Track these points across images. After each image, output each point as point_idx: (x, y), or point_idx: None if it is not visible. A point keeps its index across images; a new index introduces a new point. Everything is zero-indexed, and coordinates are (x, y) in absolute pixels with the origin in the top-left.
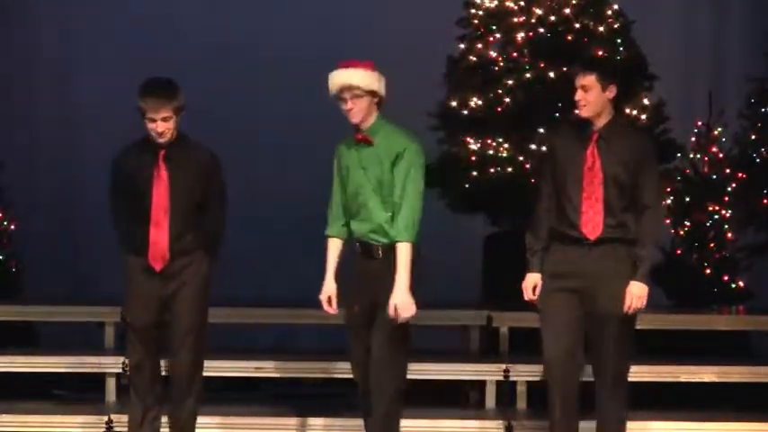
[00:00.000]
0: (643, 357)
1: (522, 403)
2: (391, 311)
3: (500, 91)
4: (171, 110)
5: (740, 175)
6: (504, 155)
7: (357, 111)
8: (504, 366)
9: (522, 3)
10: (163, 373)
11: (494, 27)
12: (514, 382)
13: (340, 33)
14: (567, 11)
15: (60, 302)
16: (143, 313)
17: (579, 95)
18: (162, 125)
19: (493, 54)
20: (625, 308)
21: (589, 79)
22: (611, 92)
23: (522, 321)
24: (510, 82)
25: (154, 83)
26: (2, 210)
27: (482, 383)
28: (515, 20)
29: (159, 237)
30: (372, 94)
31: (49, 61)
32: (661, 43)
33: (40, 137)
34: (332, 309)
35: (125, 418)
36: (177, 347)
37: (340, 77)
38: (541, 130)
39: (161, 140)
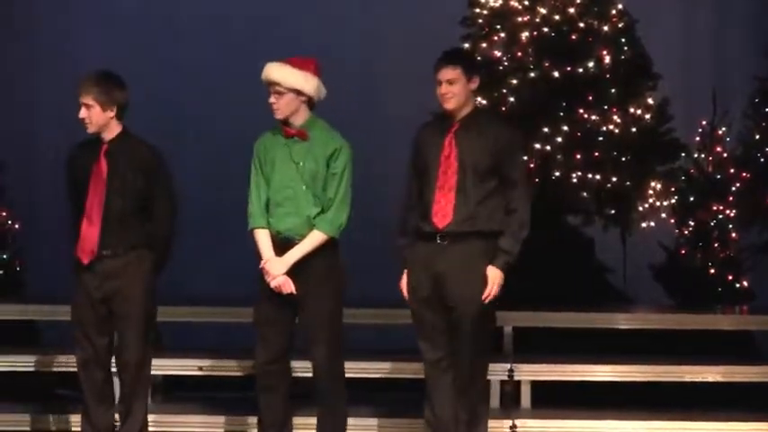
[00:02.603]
0: (647, 357)
1: (526, 402)
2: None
3: (504, 90)
4: (92, 98)
5: (744, 174)
6: None
7: (278, 106)
8: (508, 366)
9: (526, 2)
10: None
11: (498, 26)
12: (519, 382)
13: (341, 33)
14: (572, 10)
15: (63, 302)
16: (86, 310)
17: (444, 89)
18: (83, 112)
19: (497, 53)
20: (484, 294)
21: (455, 72)
22: (475, 83)
23: (527, 321)
24: (514, 81)
25: (97, 71)
26: (5, 209)
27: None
28: (520, 19)
29: (90, 232)
30: (296, 92)
31: (50, 60)
32: (665, 42)
33: (42, 136)
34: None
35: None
36: (121, 347)
37: (265, 72)
38: (546, 130)
39: (87, 130)
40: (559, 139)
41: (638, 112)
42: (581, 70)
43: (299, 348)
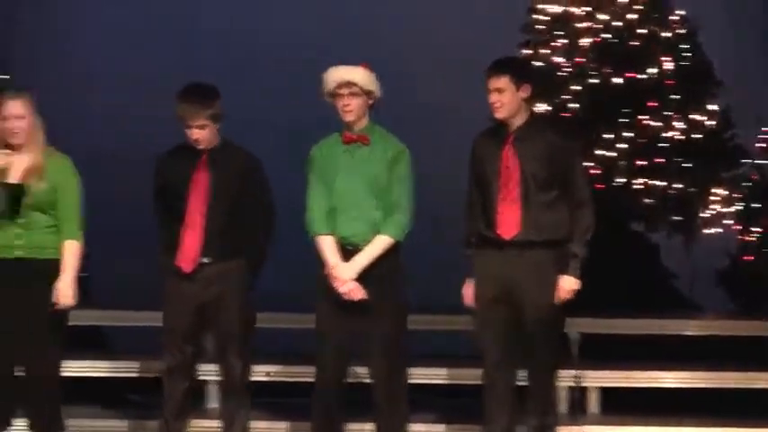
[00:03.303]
0: (715, 363)
1: (594, 409)
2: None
3: (565, 96)
4: (205, 118)
5: None
6: None
7: (352, 108)
8: (574, 372)
9: (586, 8)
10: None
11: (559, 33)
12: (585, 388)
13: (397, 37)
14: (632, 16)
15: (133, 307)
16: (180, 318)
17: (494, 98)
18: (197, 132)
19: (558, 59)
20: (555, 299)
21: (503, 81)
22: (525, 91)
23: (593, 327)
24: (575, 87)
25: (190, 89)
26: None
27: None
28: (580, 25)
29: (191, 239)
30: (369, 94)
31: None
32: (727, 48)
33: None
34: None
35: (199, 423)
36: (226, 355)
37: (339, 74)
38: (609, 136)
39: (199, 147)
40: (622, 146)
41: (701, 118)
42: (642, 76)
43: (358, 354)
